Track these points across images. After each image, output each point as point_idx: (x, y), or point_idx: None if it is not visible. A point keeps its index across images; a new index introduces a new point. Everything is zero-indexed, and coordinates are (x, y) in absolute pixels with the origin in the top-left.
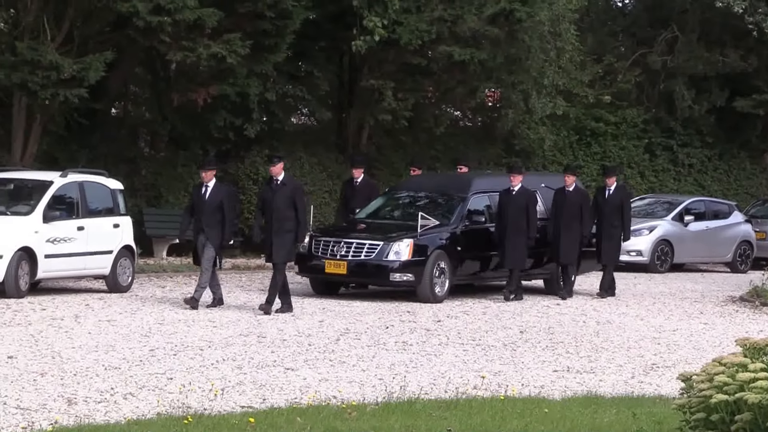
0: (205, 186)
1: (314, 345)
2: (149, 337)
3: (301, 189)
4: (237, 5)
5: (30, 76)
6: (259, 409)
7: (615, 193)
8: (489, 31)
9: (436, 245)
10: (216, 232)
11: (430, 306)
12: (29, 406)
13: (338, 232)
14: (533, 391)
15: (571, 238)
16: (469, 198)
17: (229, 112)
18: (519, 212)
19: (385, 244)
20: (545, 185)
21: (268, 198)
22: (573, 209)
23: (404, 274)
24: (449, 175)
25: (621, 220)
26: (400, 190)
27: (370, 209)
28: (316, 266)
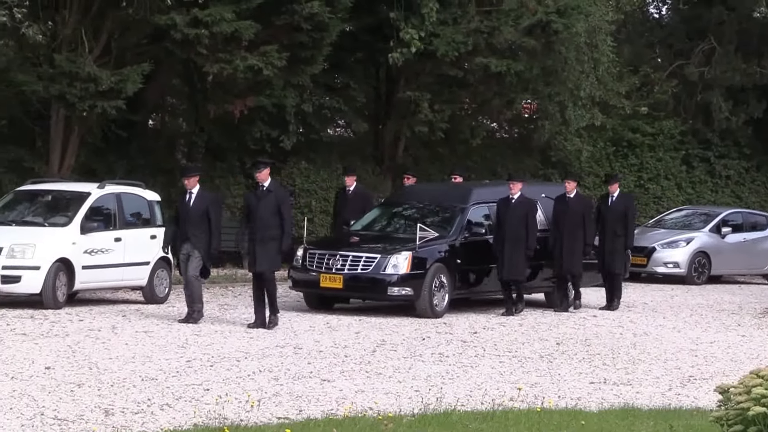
0: (189, 193)
1: (350, 356)
2: (186, 348)
3: (287, 196)
4: (274, 18)
5: (68, 88)
6: (295, 421)
7: (618, 200)
8: (526, 43)
9: (436, 258)
10: (202, 241)
11: (466, 317)
12: (66, 416)
13: (333, 244)
14: (570, 403)
15: (573, 247)
16: (469, 208)
17: (265, 124)
18: (518, 222)
19: (383, 256)
20: (545, 195)
21: (253, 205)
22: (575, 217)
23: (403, 288)
24: (447, 185)
25: (625, 229)
26: (397, 201)
27: (365, 220)
28: (310, 280)
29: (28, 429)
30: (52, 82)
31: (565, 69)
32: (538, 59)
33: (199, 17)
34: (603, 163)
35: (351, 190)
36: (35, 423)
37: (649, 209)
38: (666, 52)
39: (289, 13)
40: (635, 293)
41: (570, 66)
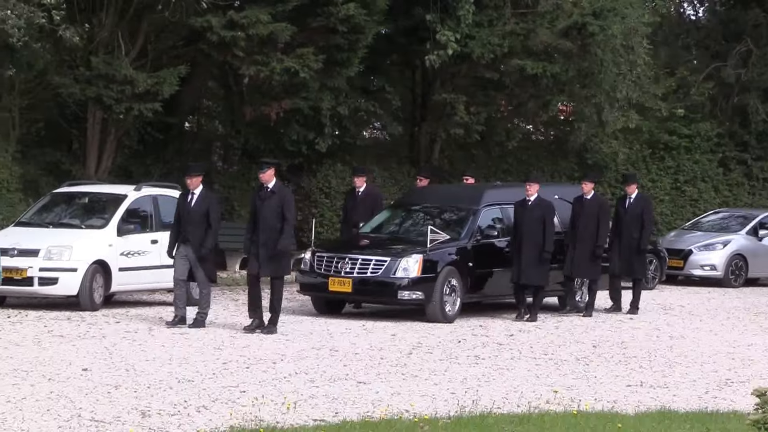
0: (191, 194)
1: (386, 359)
2: (222, 350)
3: (292, 198)
4: (310, 20)
5: (105, 90)
6: (331, 423)
7: (636, 201)
8: (561, 45)
9: (447, 261)
10: (198, 241)
11: (502, 320)
12: (103, 418)
13: (342, 247)
14: (606, 405)
15: (588, 250)
16: (481, 211)
17: (301, 126)
18: (535, 225)
19: (393, 260)
20: (559, 197)
21: (257, 207)
22: (591, 219)
23: (413, 292)
24: (459, 187)
25: (640, 231)
26: (407, 203)
27: (375, 222)
28: (318, 284)
29: (65, 430)
30: (88, 85)
31: (601, 71)
32: (574, 61)
33: (235, 19)
34: (639, 166)
35: (361, 191)
36: (72, 424)
37: (685, 212)
38: (702, 54)
39: (325, 15)
40: (672, 296)
41: (606, 68)
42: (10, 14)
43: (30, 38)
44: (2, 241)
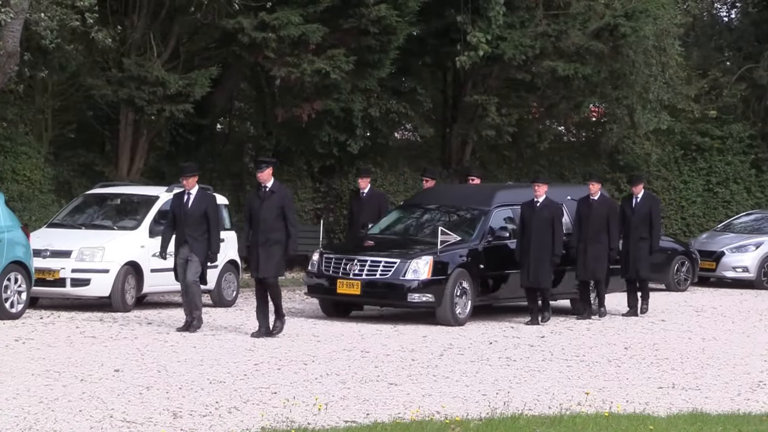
0: (187, 194)
1: (417, 360)
2: (253, 351)
3: (291, 197)
4: (341, 21)
5: (137, 91)
6: (362, 424)
7: (643, 201)
8: (593, 46)
9: (458, 263)
10: (201, 245)
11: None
12: (135, 419)
13: (350, 248)
14: (638, 407)
15: (597, 251)
16: (492, 212)
17: (333, 128)
18: (544, 226)
19: (403, 261)
20: (571, 198)
21: (255, 207)
22: (599, 220)
23: (423, 295)
24: (468, 187)
25: (650, 232)
26: (416, 203)
27: (384, 224)
28: (326, 286)
29: (97, 431)
30: (121, 86)
31: (633, 72)
32: (606, 63)
33: (267, 21)
34: (671, 167)
35: (365, 193)
36: (104, 425)
37: (717, 213)
38: (735, 56)
39: (357, 17)
40: (704, 298)
41: (638, 69)
42: (43, 16)
43: (63, 40)
44: (35, 243)
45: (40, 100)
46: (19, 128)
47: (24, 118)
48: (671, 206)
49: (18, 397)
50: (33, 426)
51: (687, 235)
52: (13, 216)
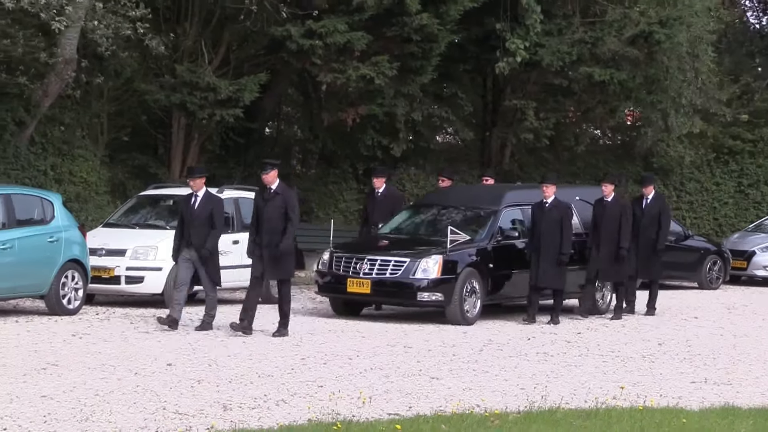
0: (194, 196)
1: (458, 355)
2: (300, 347)
3: (295, 198)
4: (385, 29)
5: (189, 97)
6: (405, 417)
7: (653, 202)
8: (629, 53)
9: (467, 262)
10: (202, 243)
11: (570, 317)
12: (187, 411)
13: (361, 248)
14: (671, 401)
15: (612, 252)
16: (501, 211)
17: (377, 132)
18: (553, 227)
19: (412, 260)
20: (580, 198)
21: (260, 208)
22: (612, 221)
23: (433, 294)
24: (479, 187)
25: (657, 232)
26: (427, 203)
27: (394, 223)
28: (337, 285)
29: (150, 423)
30: (173, 92)
31: (667, 78)
32: (641, 68)
33: (314, 29)
34: (704, 170)
35: (380, 192)
36: (157, 417)
37: (749, 214)
38: (766, 61)
39: (400, 25)
40: (735, 296)
41: (672, 75)
42: (98, 25)
43: (118, 47)
44: (91, 242)
45: (96, 105)
46: (76, 132)
47: (81, 123)
48: (704, 207)
49: (75, 390)
50: (89, 417)
51: (719, 235)
52: (71, 216)
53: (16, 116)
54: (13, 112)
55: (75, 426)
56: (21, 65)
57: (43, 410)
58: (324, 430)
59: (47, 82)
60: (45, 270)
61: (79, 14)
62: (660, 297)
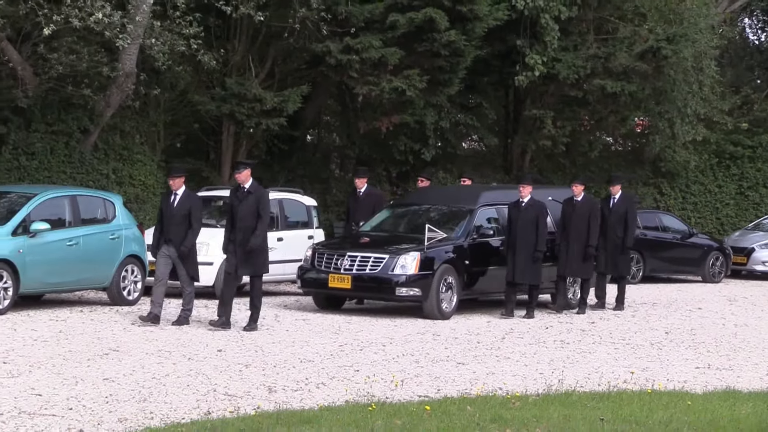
0: (173, 194)
1: (482, 342)
2: (339, 334)
3: (266, 197)
4: (416, 45)
5: (237, 107)
6: (434, 399)
7: (620, 201)
8: (638, 67)
9: (444, 259)
10: (180, 240)
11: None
12: (236, 393)
13: (342, 244)
14: (677, 385)
15: (581, 250)
16: (477, 210)
17: (408, 138)
18: (529, 225)
19: (391, 257)
20: (552, 198)
21: (234, 207)
22: (582, 220)
23: (410, 289)
24: (457, 188)
25: (624, 230)
26: (407, 203)
27: (375, 221)
28: (318, 280)
29: (202, 404)
30: (223, 103)
31: (674, 89)
32: (650, 81)
33: (351, 45)
34: (707, 173)
35: (362, 192)
36: (209, 398)
37: (748, 214)
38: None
39: (429, 41)
40: (736, 289)
41: (678, 87)
42: (156, 41)
43: (173, 62)
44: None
45: (154, 115)
46: (135, 139)
47: (140, 130)
48: (707, 207)
49: (134, 374)
50: (147, 398)
51: (721, 233)
52: (130, 215)
53: (81, 125)
54: (79, 121)
55: (134, 406)
56: (86, 78)
57: (105, 392)
58: (360, 410)
59: (109, 93)
60: (107, 264)
61: (139, 32)
62: (667, 290)
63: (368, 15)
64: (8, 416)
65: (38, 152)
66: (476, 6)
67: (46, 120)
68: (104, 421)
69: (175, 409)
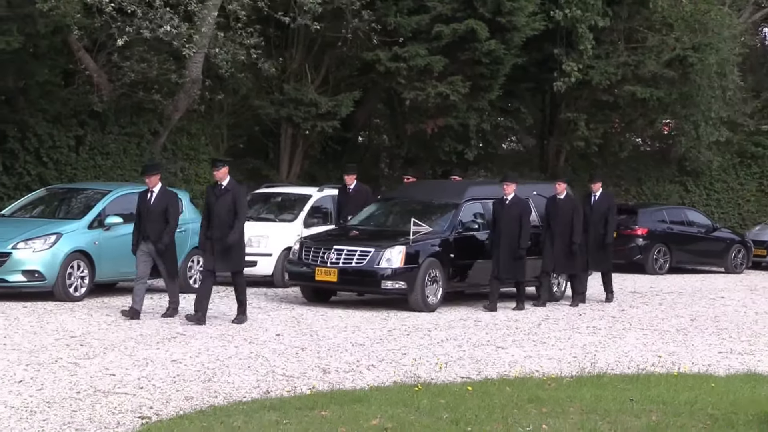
0: (150, 192)
1: (520, 328)
2: (387, 321)
3: (244, 195)
4: (459, 53)
5: (294, 111)
6: (475, 380)
7: (601, 199)
8: (666, 73)
9: (429, 252)
10: (157, 237)
11: (615, 297)
12: (292, 374)
13: (329, 238)
14: (701, 368)
15: (563, 246)
16: (463, 205)
17: (452, 139)
18: (513, 222)
19: (377, 251)
20: (537, 193)
21: (211, 203)
22: (565, 217)
23: (396, 282)
24: (443, 183)
25: (605, 227)
26: (394, 198)
27: (362, 216)
28: (306, 273)
29: (262, 384)
30: (281, 107)
31: (699, 94)
32: (676, 86)
33: (399, 53)
34: (730, 172)
35: (351, 188)
36: (268, 379)
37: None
38: None
39: (472, 50)
40: (757, 279)
41: (703, 92)
42: (220, 51)
43: (235, 69)
44: None
45: (218, 118)
46: (201, 140)
47: (205, 132)
48: (730, 204)
49: (200, 355)
50: (211, 378)
51: (743, 228)
52: (196, 210)
53: (151, 127)
54: (149, 124)
55: (199, 386)
56: (156, 85)
57: (173, 372)
58: (407, 390)
59: (177, 98)
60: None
61: (204, 42)
62: (692, 280)
63: (415, 26)
64: (84, 394)
65: (112, 152)
66: (515, 17)
67: (120, 123)
68: (172, 400)
69: (237, 388)
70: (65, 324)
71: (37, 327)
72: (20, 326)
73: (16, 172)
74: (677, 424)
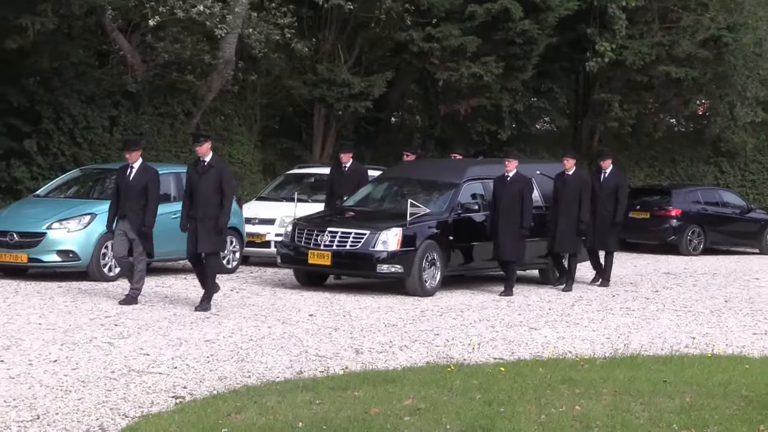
0: (130, 168)
1: (553, 309)
2: (420, 301)
3: (229, 171)
4: (492, 33)
5: (327, 91)
6: (508, 361)
7: (610, 177)
8: (700, 53)
9: (427, 235)
10: (139, 218)
11: (649, 278)
12: (326, 354)
13: (322, 220)
14: (735, 350)
15: (570, 225)
16: (463, 185)
17: (485, 120)
18: (513, 200)
19: (372, 233)
20: (540, 172)
21: (194, 181)
22: (572, 194)
23: (392, 265)
24: (442, 162)
25: (615, 205)
26: (390, 177)
27: (358, 196)
28: (298, 256)
29: (295, 364)
30: (315, 87)
31: (734, 74)
32: (711, 66)
33: (432, 34)
34: (765, 152)
35: (347, 167)
36: (301, 359)
37: None
38: None
39: (505, 30)
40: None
41: (738, 72)
42: (253, 31)
43: (269, 50)
44: (246, 212)
45: (251, 98)
46: (234, 121)
47: (238, 113)
48: (765, 185)
49: (233, 335)
50: (245, 358)
51: None
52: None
53: (184, 108)
54: (182, 104)
55: (233, 365)
56: (189, 65)
57: (207, 352)
58: (440, 371)
59: (210, 79)
60: None
61: (237, 22)
62: (726, 261)
63: (448, 6)
64: (119, 374)
65: (146, 133)
66: None
67: (153, 103)
68: (206, 379)
69: (270, 368)
70: (99, 304)
71: (72, 307)
72: (55, 306)
73: (50, 152)
74: (711, 406)
